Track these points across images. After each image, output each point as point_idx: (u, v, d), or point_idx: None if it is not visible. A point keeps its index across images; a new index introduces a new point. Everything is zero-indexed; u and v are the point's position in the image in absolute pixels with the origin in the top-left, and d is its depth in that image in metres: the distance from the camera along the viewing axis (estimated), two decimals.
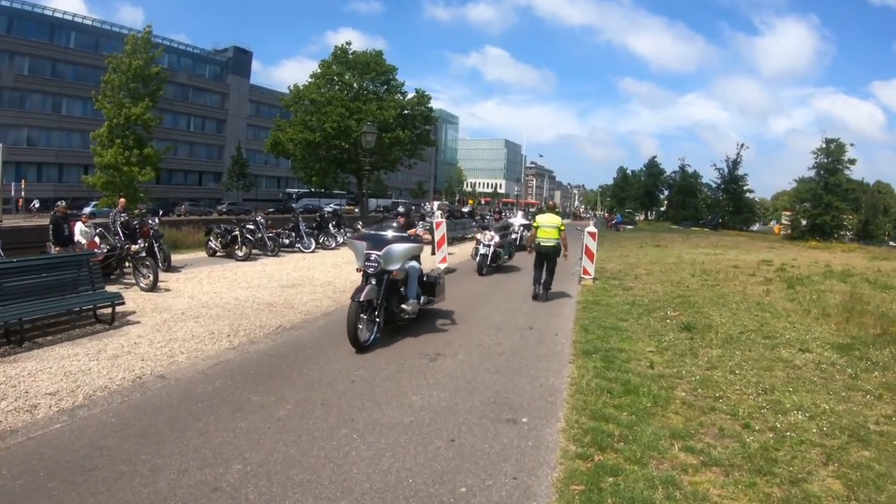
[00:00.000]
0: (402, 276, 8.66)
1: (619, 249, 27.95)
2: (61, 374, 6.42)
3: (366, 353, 7.64)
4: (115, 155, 27.85)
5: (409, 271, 8.86)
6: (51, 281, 8.79)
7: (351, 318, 7.54)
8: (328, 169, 38.16)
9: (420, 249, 9.31)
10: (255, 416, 5.32)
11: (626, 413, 5.56)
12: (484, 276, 15.99)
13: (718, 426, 5.35)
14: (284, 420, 5.26)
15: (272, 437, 4.87)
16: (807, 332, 9.51)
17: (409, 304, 8.78)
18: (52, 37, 62.12)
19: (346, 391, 6.10)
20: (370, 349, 7.79)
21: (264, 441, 4.80)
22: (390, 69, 38.25)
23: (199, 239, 21.00)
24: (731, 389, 6.40)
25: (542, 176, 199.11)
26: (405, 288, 8.86)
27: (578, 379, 6.65)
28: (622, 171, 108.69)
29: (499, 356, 7.72)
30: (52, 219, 14.07)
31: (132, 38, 29.57)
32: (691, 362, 7.49)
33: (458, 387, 6.37)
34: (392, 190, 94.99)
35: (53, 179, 60.77)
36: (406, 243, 8.68)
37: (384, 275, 8.21)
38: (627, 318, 10.33)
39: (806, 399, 6.15)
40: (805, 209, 58.69)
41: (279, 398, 5.79)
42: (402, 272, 8.58)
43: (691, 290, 14.05)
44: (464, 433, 5.09)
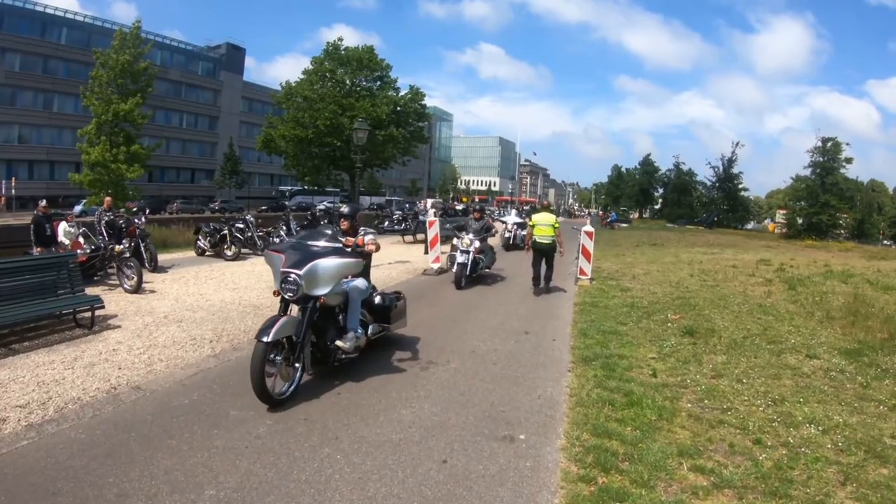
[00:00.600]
0: (338, 302, 6.75)
1: (615, 248, 27.68)
2: (34, 384, 6.08)
3: (279, 409, 5.59)
4: (103, 152, 27.51)
5: (350, 294, 6.83)
6: (28, 284, 8.41)
7: (255, 364, 5.45)
8: (321, 166, 37.87)
9: (360, 266, 6.88)
10: (233, 434, 4.96)
11: (629, 428, 5.22)
12: (463, 289, 13.28)
13: (728, 442, 5.02)
14: (264, 438, 4.90)
15: (249, 458, 4.51)
16: (812, 337, 9.21)
17: (345, 339, 6.51)
18: (44, 33, 61.45)
19: (331, 405, 5.76)
20: (287, 403, 5.73)
21: (241, 462, 4.45)
22: (383, 65, 37.91)
23: (188, 238, 20.63)
24: (738, 400, 6.08)
25: (536, 174, 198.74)
26: (345, 316, 6.85)
27: (578, 389, 6.31)
28: (617, 169, 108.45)
29: (494, 364, 7.37)
30: (34, 218, 13.70)
31: (120, 34, 29.24)
32: (695, 370, 7.16)
33: (450, 399, 6.02)
34: (386, 187, 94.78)
35: (45, 177, 60.14)
36: (339, 257, 6.31)
37: (309, 301, 6.13)
38: (627, 322, 10.00)
39: (818, 410, 5.84)
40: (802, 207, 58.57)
41: (259, 413, 5.42)
42: (335, 296, 6.56)
43: (691, 291, 13.74)
44: (457, 453, 4.74)
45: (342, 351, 6.52)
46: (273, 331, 5.56)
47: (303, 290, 5.96)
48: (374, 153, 36.06)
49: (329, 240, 6.69)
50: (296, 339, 5.95)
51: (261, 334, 5.59)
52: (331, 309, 6.66)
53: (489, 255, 15.29)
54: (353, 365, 6.90)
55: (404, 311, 8.40)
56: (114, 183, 27.97)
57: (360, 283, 7.10)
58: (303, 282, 5.93)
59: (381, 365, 7.19)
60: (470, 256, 13.79)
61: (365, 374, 6.72)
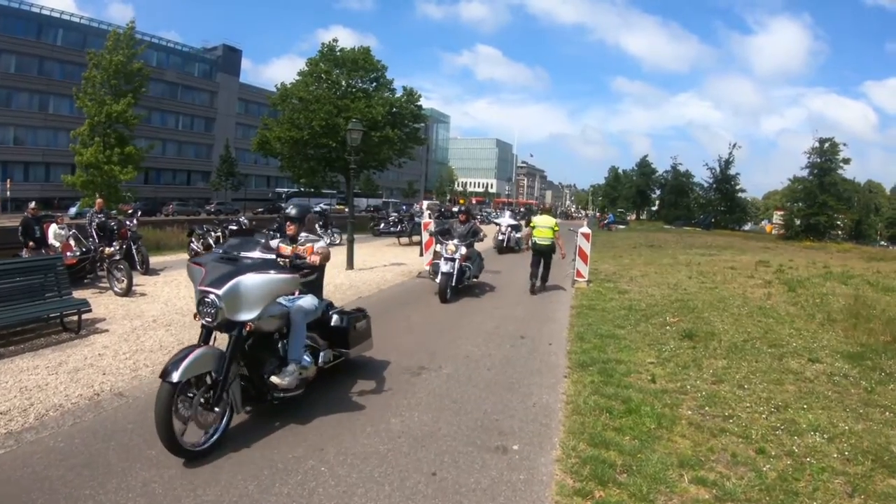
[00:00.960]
0: (276, 327, 5.44)
1: (613, 250, 27.52)
2: (16, 389, 5.94)
3: (196, 463, 4.48)
4: (96, 153, 27.30)
5: (293, 316, 5.53)
6: (15, 286, 8.27)
7: (160, 409, 4.33)
8: (316, 168, 37.64)
9: (296, 283, 5.47)
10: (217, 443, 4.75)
11: (628, 437, 5.03)
12: (448, 302, 11.90)
13: (731, 451, 4.83)
14: (245, 448, 4.71)
15: (230, 471, 4.33)
16: (814, 340, 9.02)
17: (283, 374, 5.20)
18: (40, 34, 61.19)
19: (317, 414, 5.54)
20: (207, 456, 4.62)
21: (221, 475, 4.27)
22: (379, 66, 37.72)
23: (182, 240, 20.50)
24: (740, 407, 5.88)
25: (533, 175, 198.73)
26: (285, 343, 5.56)
27: (575, 396, 6.11)
28: (614, 171, 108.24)
29: (488, 370, 7.16)
30: (23, 220, 13.52)
31: (114, 34, 29.08)
32: (696, 375, 6.97)
33: (442, 407, 5.81)
34: (383, 189, 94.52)
35: (40, 179, 59.94)
36: (270, 272, 5.02)
37: (235, 327, 4.87)
38: (625, 325, 9.81)
39: (822, 417, 5.65)
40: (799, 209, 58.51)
41: (242, 423, 5.22)
42: (271, 321, 5.28)
43: (689, 293, 13.55)
44: (447, 465, 4.54)
45: (279, 389, 5.22)
46: (182, 368, 4.38)
47: (223, 314, 4.73)
48: (370, 154, 35.85)
49: (261, 249, 5.45)
50: (216, 377, 4.71)
51: (166, 372, 4.39)
52: (268, 335, 5.42)
53: (477, 262, 13.77)
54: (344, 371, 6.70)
55: (368, 331, 7.06)
56: (107, 184, 27.77)
57: (305, 303, 5.82)
58: (222, 304, 4.69)
59: (372, 369, 7.01)
60: (455, 265, 12.30)
61: (354, 382, 6.53)
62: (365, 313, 7.12)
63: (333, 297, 11.98)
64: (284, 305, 5.60)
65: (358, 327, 6.74)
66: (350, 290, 12.99)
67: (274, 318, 5.33)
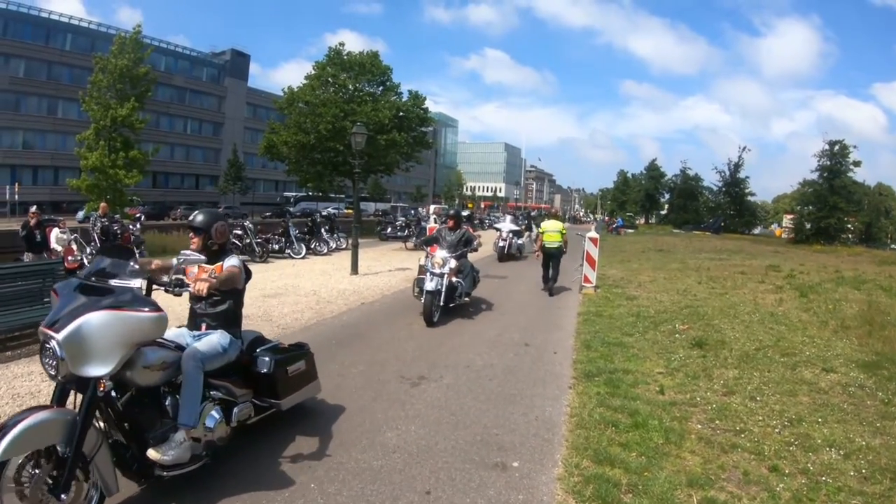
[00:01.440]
0: (156, 381, 3.96)
1: (621, 255, 27.28)
2: (8, 397, 5.83)
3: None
4: (101, 157, 27.29)
5: (185, 366, 4.09)
6: (14, 291, 8.23)
7: None
8: (323, 172, 37.58)
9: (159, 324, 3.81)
10: None
11: (634, 453, 4.78)
12: (436, 326, 9.93)
13: (742, 469, 4.58)
14: (232, 462, 4.48)
15: (216, 489, 4.11)
16: (827, 348, 8.75)
17: (164, 447, 3.81)
18: (48, 39, 61.45)
19: (309, 425, 5.34)
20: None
21: (207, 493, 4.06)
22: (386, 70, 37.66)
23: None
24: (752, 420, 5.63)
25: (541, 179, 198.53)
26: (170, 401, 4.08)
27: (579, 409, 5.87)
28: (622, 175, 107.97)
29: (489, 380, 6.91)
30: (24, 224, 13.42)
31: (120, 38, 29.09)
32: (706, 386, 6.72)
33: (440, 420, 5.58)
34: (391, 193, 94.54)
35: (49, 182, 60.15)
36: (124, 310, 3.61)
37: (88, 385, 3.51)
38: (633, 333, 9.56)
39: (838, 432, 5.39)
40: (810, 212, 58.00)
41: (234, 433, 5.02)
42: (146, 373, 3.84)
43: (699, 299, 13.30)
44: (442, 483, 4.31)
45: (160, 466, 3.81)
46: (8, 440, 3.12)
47: (66, 367, 3.39)
48: (377, 158, 35.76)
49: (127, 273, 3.88)
50: (62, 453, 3.40)
51: None
52: (152, 389, 3.97)
53: (470, 276, 11.62)
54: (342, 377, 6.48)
55: (310, 372, 5.57)
56: (112, 188, 27.75)
57: (206, 344, 4.40)
58: (64, 353, 3.36)
59: (370, 378, 6.78)
60: (444, 281, 10.31)
61: (351, 390, 6.31)
62: (305, 350, 5.67)
63: (336, 303, 11.85)
64: (169, 350, 4.09)
65: (292, 371, 5.20)
66: (354, 296, 12.79)
67: (152, 368, 3.88)
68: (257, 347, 5.09)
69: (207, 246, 4.77)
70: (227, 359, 4.56)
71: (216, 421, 4.24)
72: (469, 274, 11.54)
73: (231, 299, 4.75)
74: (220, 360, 4.46)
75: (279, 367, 4.98)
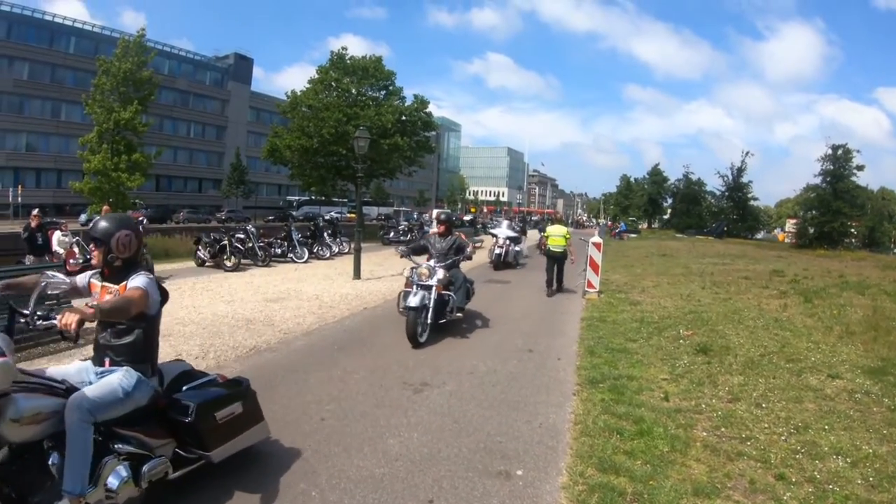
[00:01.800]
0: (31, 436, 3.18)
1: (624, 259, 27.19)
2: None
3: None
4: (103, 160, 27.31)
5: (68, 418, 3.26)
6: None
7: None
8: (326, 176, 37.55)
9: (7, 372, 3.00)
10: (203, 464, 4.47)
11: (639, 461, 4.72)
12: (423, 346, 8.75)
13: (748, 478, 4.52)
14: (234, 469, 4.41)
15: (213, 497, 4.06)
16: (833, 354, 8.68)
17: None
18: (52, 42, 61.68)
19: (313, 431, 5.27)
20: None
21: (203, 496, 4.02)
22: (389, 74, 37.67)
23: (191, 247, 20.33)
24: (758, 428, 5.57)
25: (544, 184, 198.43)
26: (55, 459, 3.25)
27: (584, 416, 5.80)
28: (625, 179, 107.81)
29: (493, 387, 6.84)
30: (26, 227, 13.42)
31: (123, 41, 29.15)
32: (710, 392, 6.65)
33: (443, 427, 5.51)
34: (394, 198, 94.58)
35: (52, 185, 60.27)
36: None
37: None
38: (636, 339, 9.49)
39: (844, 439, 5.33)
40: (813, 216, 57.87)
41: None
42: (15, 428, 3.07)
43: (703, 304, 13.24)
44: (445, 491, 4.25)
45: None
46: None
47: None
48: (379, 163, 35.75)
49: None
50: None
51: None
52: (34, 445, 3.21)
53: (463, 288, 10.19)
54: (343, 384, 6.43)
55: (250, 414, 4.43)
56: (114, 191, 27.75)
57: (99, 390, 3.48)
58: None
59: (372, 385, 6.72)
60: (431, 295, 9.10)
61: (354, 397, 6.26)
62: (243, 388, 4.48)
63: (339, 307, 11.82)
64: (49, 399, 3.28)
65: (223, 416, 4.11)
66: (356, 301, 12.75)
67: (22, 422, 3.08)
68: (183, 385, 4.15)
69: (108, 261, 3.80)
70: (132, 404, 3.62)
71: (121, 480, 3.40)
72: (462, 286, 10.17)
73: (140, 328, 3.76)
74: (120, 406, 3.56)
75: (204, 413, 3.96)
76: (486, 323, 10.81)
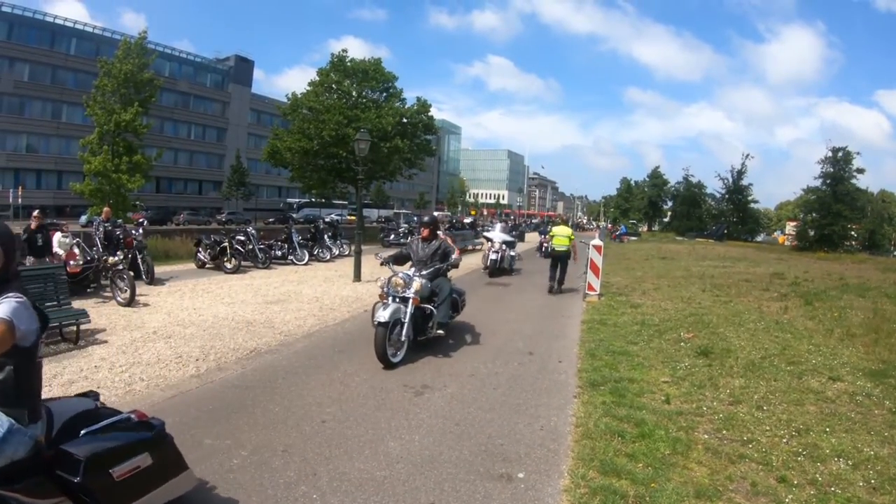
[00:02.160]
0: None
1: (625, 262, 27.20)
2: None
3: None
4: (104, 162, 27.31)
5: None
6: None
7: None
8: (326, 178, 37.51)
9: None
10: (204, 465, 4.46)
11: (641, 464, 4.71)
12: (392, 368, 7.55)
13: (750, 480, 4.51)
14: (236, 471, 4.43)
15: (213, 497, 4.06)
16: (833, 357, 8.67)
17: None
18: (53, 43, 61.85)
19: (314, 434, 5.26)
20: None
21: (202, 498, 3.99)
22: (390, 77, 37.67)
23: (191, 249, 20.33)
24: (759, 430, 5.56)
25: (544, 186, 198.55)
26: None
27: (585, 419, 5.78)
28: (626, 182, 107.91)
29: (494, 389, 6.83)
30: (26, 228, 13.39)
31: (125, 43, 29.15)
32: (712, 395, 6.64)
33: (444, 429, 5.50)
34: (394, 200, 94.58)
35: (52, 186, 60.36)
36: None
37: None
38: (637, 341, 9.47)
39: (845, 441, 5.32)
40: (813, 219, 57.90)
41: (235, 442, 4.97)
42: None
43: (703, 307, 13.22)
44: (446, 494, 4.23)
45: None
46: None
47: None
48: (380, 165, 35.74)
49: None
50: None
51: None
52: None
53: (447, 301, 8.89)
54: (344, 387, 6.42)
55: (166, 465, 3.47)
56: (115, 193, 27.75)
57: None
58: None
59: (374, 387, 6.70)
60: (408, 308, 8.05)
61: (354, 399, 6.25)
62: (154, 434, 3.48)
63: (339, 310, 11.82)
64: None
65: (122, 472, 3.16)
66: (356, 303, 12.75)
67: None
68: (81, 428, 3.22)
69: None
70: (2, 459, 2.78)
71: None
72: (447, 298, 8.91)
73: (11, 364, 2.86)
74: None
75: (96, 469, 3.04)
76: (486, 326, 10.76)
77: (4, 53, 57.57)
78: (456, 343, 9.25)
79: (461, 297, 9.89)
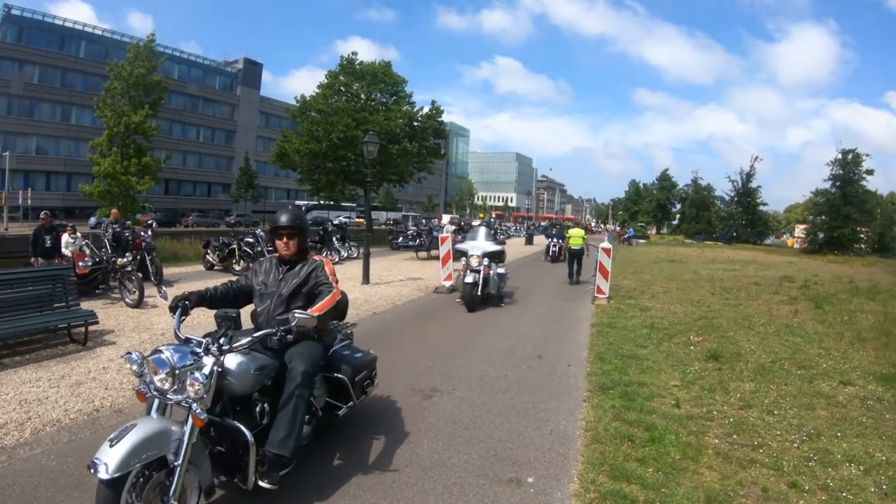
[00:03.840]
0: None
1: (633, 265, 27.14)
2: (16, 402, 5.78)
3: None
4: (113, 164, 27.46)
5: None
6: (23, 296, 8.20)
7: None
8: (334, 181, 37.52)
9: None
10: None
11: (651, 469, 4.68)
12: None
13: (761, 486, 4.47)
14: None
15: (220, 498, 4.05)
16: (844, 361, 8.63)
17: None
18: (62, 46, 62.18)
19: (320, 438, 5.16)
20: None
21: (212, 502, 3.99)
22: (399, 80, 37.70)
23: (200, 251, 20.40)
24: (770, 435, 5.52)
25: (553, 189, 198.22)
26: None
27: (595, 423, 5.75)
28: (634, 185, 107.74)
29: (503, 393, 6.80)
30: (35, 230, 13.45)
31: (135, 46, 29.35)
32: (722, 399, 6.61)
33: (453, 433, 5.47)
34: (403, 203, 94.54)
35: (62, 188, 60.70)
36: None
37: None
38: (647, 345, 9.43)
39: (857, 446, 5.29)
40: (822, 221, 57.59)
41: None
42: None
43: (713, 310, 13.18)
44: (455, 498, 4.21)
45: None
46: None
47: None
48: (389, 168, 35.75)
49: None
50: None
51: None
52: None
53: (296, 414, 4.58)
54: None
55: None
56: (124, 195, 27.89)
57: None
58: None
59: (382, 391, 6.60)
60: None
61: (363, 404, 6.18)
62: None
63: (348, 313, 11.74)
64: None
65: None
66: (365, 306, 12.73)
67: None
68: None
69: None
70: None
71: None
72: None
73: None
74: None
75: None
76: (495, 329, 10.78)
77: (15, 56, 57.94)
78: (465, 345, 9.25)
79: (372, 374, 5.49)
